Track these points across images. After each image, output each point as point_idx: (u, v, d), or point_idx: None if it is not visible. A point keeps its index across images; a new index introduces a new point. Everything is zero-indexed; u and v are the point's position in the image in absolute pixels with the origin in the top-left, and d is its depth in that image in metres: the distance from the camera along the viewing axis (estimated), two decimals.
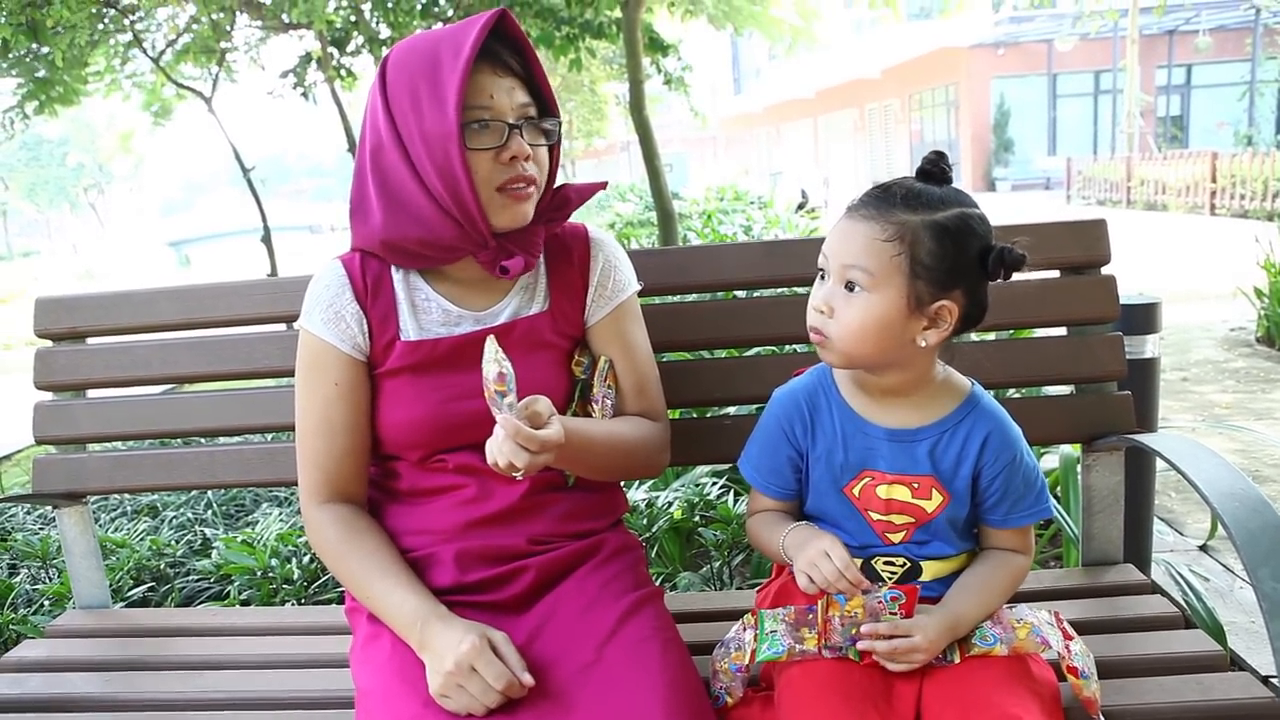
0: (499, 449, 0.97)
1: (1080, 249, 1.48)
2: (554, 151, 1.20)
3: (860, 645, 1.04)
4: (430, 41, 1.10)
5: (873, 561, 1.13)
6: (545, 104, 1.16)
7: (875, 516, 1.12)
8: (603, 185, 1.31)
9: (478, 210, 1.09)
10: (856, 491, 1.12)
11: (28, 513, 3.05)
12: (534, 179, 1.14)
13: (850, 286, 1.04)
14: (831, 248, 1.07)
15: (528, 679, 1.01)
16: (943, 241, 1.02)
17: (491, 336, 1.00)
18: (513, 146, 1.11)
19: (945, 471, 1.10)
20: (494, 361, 0.96)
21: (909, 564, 1.13)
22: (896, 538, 1.12)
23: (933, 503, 1.10)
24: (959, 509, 1.11)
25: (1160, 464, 1.92)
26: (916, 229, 1.02)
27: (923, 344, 1.05)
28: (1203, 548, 2.58)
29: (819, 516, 1.17)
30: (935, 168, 1.07)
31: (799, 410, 1.16)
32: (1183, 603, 1.79)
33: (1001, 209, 16.17)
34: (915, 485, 1.10)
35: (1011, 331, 2.40)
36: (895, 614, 1.04)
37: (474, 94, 1.08)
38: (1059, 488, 2.24)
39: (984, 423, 1.11)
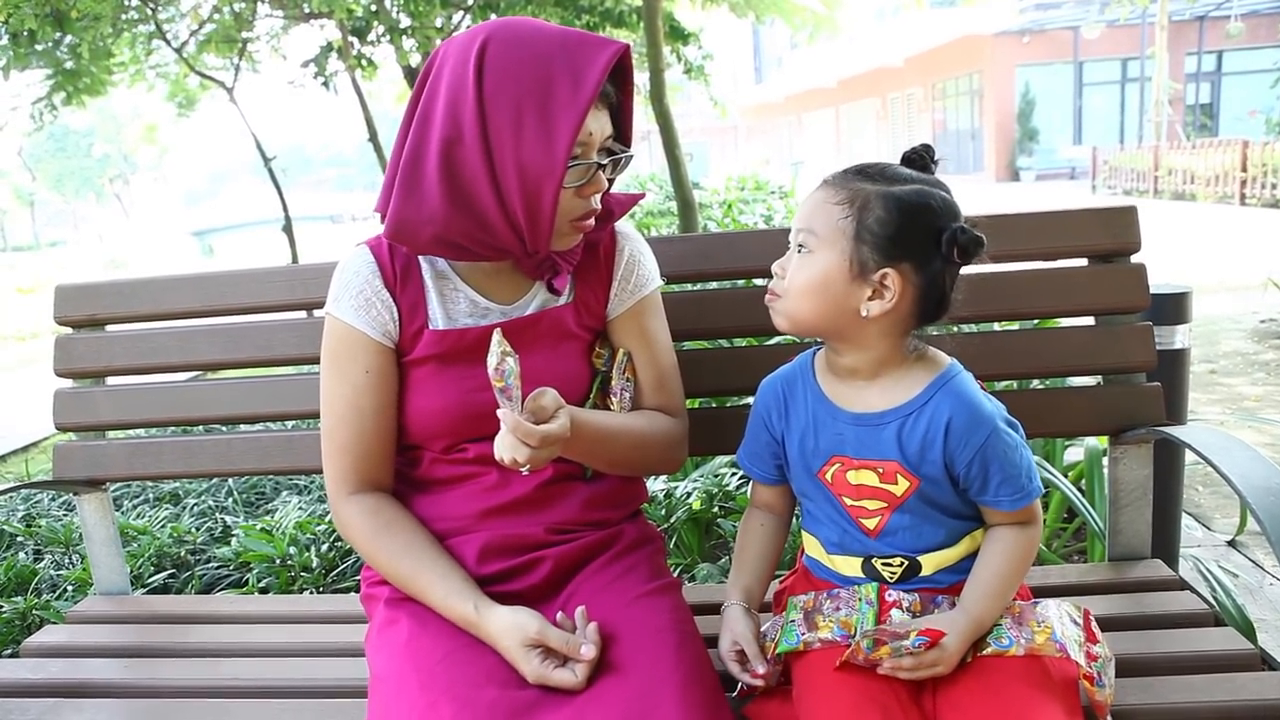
0: (501, 442, 0.97)
1: (1109, 237, 1.45)
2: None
3: (881, 670, 1.01)
4: (540, 53, 1.03)
5: (872, 561, 1.11)
6: (622, 131, 1.14)
7: (848, 501, 1.11)
8: (641, 196, 1.31)
9: (548, 236, 1.09)
10: (829, 476, 1.12)
11: (53, 499, 3.09)
12: (598, 210, 1.15)
13: (801, 249, 1.07)
14: (795, 216, 1.09)
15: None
16: (892, 210, 1.02)
17: (498, 330, 0.99)
18: (595, 183, 1.11)
19: (913, 455, 1.07)
20: (495, 355, 0.96)
21: (907, 562, 1.10)
22: (871, 523, 1.10)
23: (900, 487, 1.08)
24: (936, 491, 1.08)
25: (1187, 457, 1.88)
26: (869, 196, 1.03)
27: (865, 314, 1.04)
28: (1231, 543, 2.53)
29: (807, 507, 1.18)
30: (918, 155, 1.08)
31: (776, 397, 1.17)
32: (1211, 599, 1.76)
33: (1026, 198, 16.01)
34: (880, 470, 1.08)
35: (1038, 321, 2.36)
36: (919, 650, 1.01)
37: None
38: (1084, 480, 2.21)
39: (948, 405, 1.06)
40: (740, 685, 1.11)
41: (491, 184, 1.05)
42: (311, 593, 2.23)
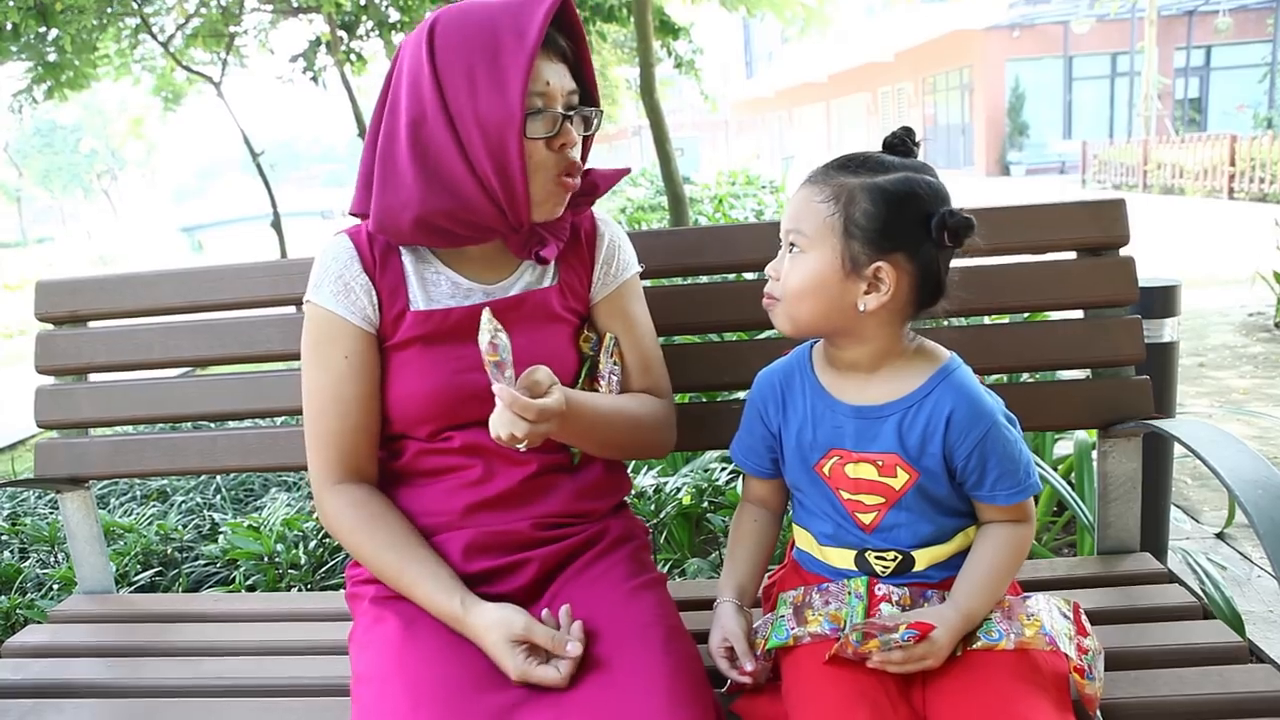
0: (497, 419, 0.97)
1: (1098, 229, 1.44)
2: (588, 139, 1.18)
3: (870, 664, 1.01)
4: (485, 18, 1.05)
5: (866, 553, 1.11)
6: (587, 91, 1.14)
7: (846, 495, 1.10)
8: (626, 171, 1.30)
9: (524, 197, 1.08)
10: (827, 470, 1.11)
11: (39, 497, 3.06)
12: (580, 166, 1.14)
13: (792, 249, 1.06)
14: (783, 217, 1.08)
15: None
16: (878, 202, 1.01)
17: (487, 307, 0.99)
18: (565, 134, 1.10)
19: (912, 448, 1.06)
20: (487, 331, 0.96)
21: (900, 557, 1.10)
22: (867, 518, 1.09)
23: (899, 480, 1.07)
24: (933, 486, 1.08)
25: (1175, 450, 1.89)
26: (854, 190, 1.02)
27: (863, 308, 1.03)
28: (1220, 535, 2.54)
29: (800, 500, 1.17)
30: (899, 140, 1.07)
31: (773, 390, 1.16)
32: (1200, 592, 1.76)
33: (1016, 193, 16.04)
34: (880, 463, 1.08)
35: (1027, 314, 2.36)
36: (908, 643, 1.00)
37: (532, 80, 1.05)
38: (1074, 474, 2.21)
39: (949, 397, 1.06)
40: (729, 681, 1.10)
41: (459, 151, 1.06)
42: (299, 590, 2.22)
